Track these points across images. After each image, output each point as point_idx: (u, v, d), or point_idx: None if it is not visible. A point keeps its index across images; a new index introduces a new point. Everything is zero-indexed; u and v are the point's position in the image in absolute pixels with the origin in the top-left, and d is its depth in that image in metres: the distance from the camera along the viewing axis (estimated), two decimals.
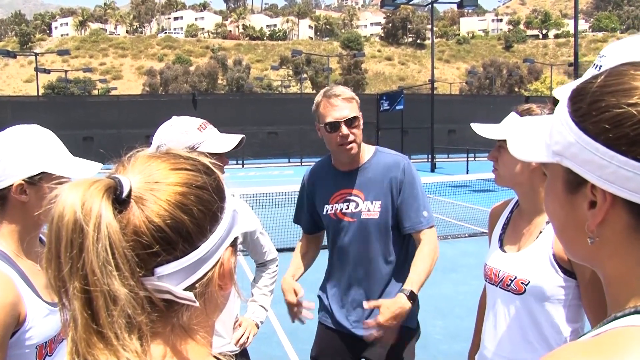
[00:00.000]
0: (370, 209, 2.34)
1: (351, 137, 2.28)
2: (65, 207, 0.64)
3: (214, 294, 0.74)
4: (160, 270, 0.67)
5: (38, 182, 1.47)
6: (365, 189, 2.37)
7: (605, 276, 0.73)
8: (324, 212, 2.47)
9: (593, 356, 0.61)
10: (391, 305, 2.13)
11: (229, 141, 1.91)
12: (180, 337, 0.72)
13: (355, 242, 2.38)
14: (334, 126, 2.27)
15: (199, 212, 0.70)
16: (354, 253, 2.39)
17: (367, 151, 2.43)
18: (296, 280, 2.47)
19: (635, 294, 0.68)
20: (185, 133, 1.87)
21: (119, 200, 0.66)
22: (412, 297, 2.17)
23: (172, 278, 0.68)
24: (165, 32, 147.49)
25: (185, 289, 0.69)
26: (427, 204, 2.38)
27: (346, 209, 2.39)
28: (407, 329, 2.34)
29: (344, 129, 2.26)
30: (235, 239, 0.77)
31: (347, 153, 2.32)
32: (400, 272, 2.33)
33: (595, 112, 0.67)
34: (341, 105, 2.27)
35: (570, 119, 0.70)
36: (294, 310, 2.36)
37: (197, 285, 0.70)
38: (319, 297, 2.59)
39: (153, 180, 0.69)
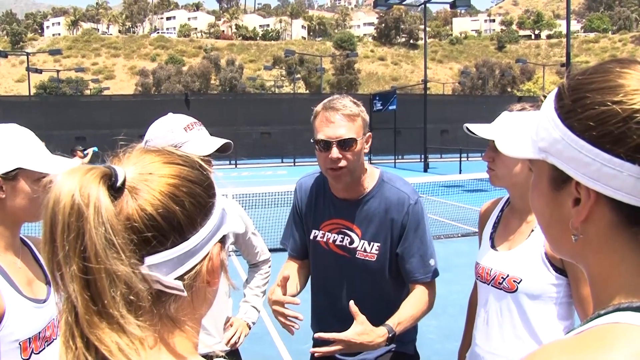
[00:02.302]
0: (366, 249, 2.06)
1: (342, 162, 1.94)
2: (62, 193, 0.65)
3: (202, 289, 0.75)
4: (150, 260, 0.69)
5: (14, 178, 1.48)
6: (363, 226, 2.07)
7: (589, 273, 0.73)
8: (312, 237, 2.17)
9: (575, 354, 0.60)
10: (369, 332, 1.83)
11: (212, 144, 1.90)
12: (167, 327, 0.73)
13: (346, 278, 2.12)
14: (325, 146, 1.95)
15: (190, 204, 0.71)
16: (345, 289, 2.11)
17: (371, 179, 2.09)
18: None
19: (619, 291, 0.68)
20: (170, 131, 1.88)
21: (114, 188, 0.68)
22: (392, 339, 1.90)
23: (161, 268, 0.69)
24: (158, 32, 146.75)
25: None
26: (433, 249, 2.10)
27: (340, 242, 2.10)
28: (402, 354, 2.07)
29: (334, 152, 1.93)
30: (224, 236, 0.78)
31: (336, 180, 2.02)
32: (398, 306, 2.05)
33: (581, 109, 0.67)
34: (338, 122, 1.93)
35: (556, 116, 0.70)
36: (284, 316, 1.93)
37: (185, 277, 0.71)
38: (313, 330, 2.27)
39: (147, 172, 0.71)
